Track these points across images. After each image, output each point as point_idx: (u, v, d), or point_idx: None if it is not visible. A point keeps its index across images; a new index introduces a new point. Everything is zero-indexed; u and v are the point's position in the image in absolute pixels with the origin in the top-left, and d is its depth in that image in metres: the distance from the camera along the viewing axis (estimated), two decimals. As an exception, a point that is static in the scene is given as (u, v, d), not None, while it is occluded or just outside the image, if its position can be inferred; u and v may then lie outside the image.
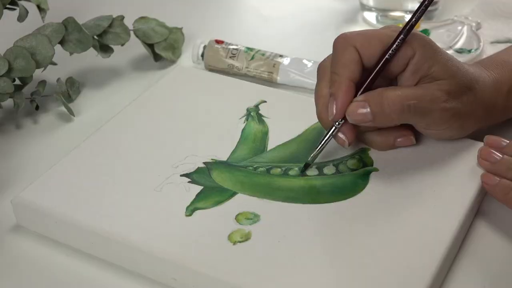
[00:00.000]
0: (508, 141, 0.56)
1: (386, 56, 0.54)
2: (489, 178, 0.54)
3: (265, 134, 0.61)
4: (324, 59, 0.57)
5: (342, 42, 0.55)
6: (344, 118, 0.55)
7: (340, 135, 0.55)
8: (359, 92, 0.55)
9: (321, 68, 0.57)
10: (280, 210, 0.54)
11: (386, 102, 0.53)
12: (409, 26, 0.55)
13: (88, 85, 0.75)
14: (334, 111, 0.54)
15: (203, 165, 0.58)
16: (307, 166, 0.57)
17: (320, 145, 0.56)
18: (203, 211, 0.54)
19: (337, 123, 0.55)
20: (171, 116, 0.64)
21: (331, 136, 0.56)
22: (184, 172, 0.57)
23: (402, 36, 0.54)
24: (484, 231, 0.55)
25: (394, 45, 0.54)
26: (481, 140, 0.57)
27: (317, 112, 0.57)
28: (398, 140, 0.57)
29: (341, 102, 0.54)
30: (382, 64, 0.54)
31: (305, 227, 0.52)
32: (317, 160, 0.58)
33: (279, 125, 0.62)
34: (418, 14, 0.55)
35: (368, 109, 0.53)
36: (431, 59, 0.55)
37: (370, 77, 0.55)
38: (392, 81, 0.57)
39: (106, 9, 0.77)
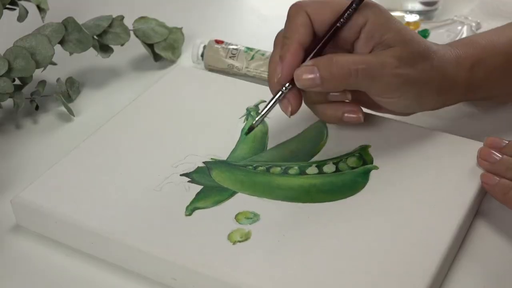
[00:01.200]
0: (507, 141, 0.56)
1: (337, 24, 0.55)
2: (488, 178, 0.54)
3: (264, 134, 0.61)
4: (281, 29, 0.57)
5: (294, 8, 0.56)
6: (291, 83, 0.55)
7: (286, 101, 0.55)
8: (309, 58, 0.55)
9: (277, 37, 0.58)
10: (280, 209, 0.54)
11: (335, 65, 0.53)
12: None
13: (88, 85, 0.75)
14: (280, 73, 0.54)
15: (202, 165, 0.58)
16: (251, 129, 0.56)
17: (266, 108, 0.55)
18: (203, 210, 0.54)
19: (284, 88, 0.55)
20: (171, 116, 0.64)
21: (277, 100, 0.55)
22: (184, 172, 0.57)
23: (354, 5, 0.54)
24: (484, 231, 0.55)
25: (346, 14, 0.54)
26: (481, 140, 0.57)
27: (268, 77, 0.57)
28: (346, 115, 0.57)
29: (288, 63, 0.54)
30: (332, 31, 0.55)
31: (305, 226, 0.52)
32: (317, 159, 0.58)
33: (278, 124, 0.62)
34: None
35: (317, 74, 0.53)
36: (384, 27, 0.55)
37: (321, 43, 0.55)
38: (348, 52, 0.57)
39: (106, 9, 0.77)
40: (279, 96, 0.55)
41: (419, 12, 0.81)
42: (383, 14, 0.56)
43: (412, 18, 0.80)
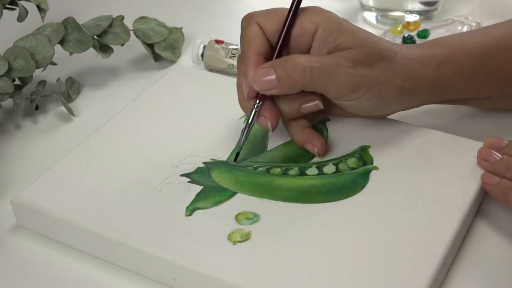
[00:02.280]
0: (507, 141, 0.55)
1: (283, 30, 0.55)
2: (489, 178, 0.54)
3: (265, 134, 0.61)
4: (239, 53, 0.58)
5: (245, 20, 0.57)
6: (261, 98, 0.55)
7: (262, 118, 0.56)
8: (262, 65, 0.55)
9: (238, 61, 0.58)
10: (280, 209, 0.54)
11: (290, 64, 0.54)
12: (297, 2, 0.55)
13: (88, 85, 0.75)
14: (247, 87, 0.55)
15: (203, 165, 0.58)
16: (237, 154, 0.57)
17: (245, 131, 0.57)
18: (203, 211, 0.54)
19: (255, 105, 0.56)
20: (171, 116, 0.64)
21: (253, 120, 0.56)
22: (184, 172, 0.57)
23: (293, 8, 0.55)
24: (484, 231, 0.55)
25: (289, 17, 0.55)
26: (481, 140, 0.57)
27: (239, 100, 0.57)
28: (304, 105, 0.57)
29: (251, 76, 0.55)
30: (282, 38, 0.55)
31: (305, 226, 0.52)
32: (317, 160, 0.58)
33: (279, 125, 0.62)
34: None
35: (274, 75, 0.53)
36: (335, 32, 0.55)
37: (277, 48, 0.55)
38: None
39: (106, 9, 0.77)
40: (254, 114, 0.56)
41: (419, 12, 0.81)
42: (334, 19, 0.55)
43: (412, 18, 0.80)
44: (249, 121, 0.56)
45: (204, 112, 0.64)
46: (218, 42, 0.75)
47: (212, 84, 0.68)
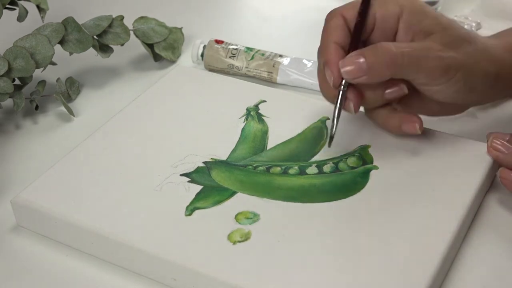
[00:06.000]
0: (510, 134, 0.56)
1: (358, 16, 0.55)
2: (507, 173, 0.54)
3: (264, 133, 0.61)
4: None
5: (330, 14, 0.57)
6: (348, 83, 0.55)
7: (347, 101, 0.55)
8: (350, 53, 0.55)
9: (318, 52, 0.58)
10: (280, 209, 0.54)
11: (381, 51, 0.53)
12: None
13: (88, 85, 0.75)
14: (331, 75, 0.55)
15: (202, 165, 0.58)
16: (331, 138, 0.56)
17: (335, 115, 0.55)
18: (203, 210, 0.54)
19: (342, 87, 0.55)
20: (171, 116, 0.64)
21: (341, 103, 0.55)
22: (184, 172, 0.57)
23: None
24: (484, 231, 0.55)
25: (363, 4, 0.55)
26: (481, 140, 0.57)
27: (319, 86, 0.57)
28: (387, 91, 0.56)
29: (335, 64, 0.54)
30: (357, 24, 0.55)
31: (304, 226, 0.52)
32: (317, 159, 0.58)
33: (278, 124, 0.62)
34: None
35: (363, 60, 0.53)
36: (420, 14, 0.55)
37: (352, 38, 0.56)
38: None
39: (106, 9, 0.77)
40: (341, 98, 0.55)
41: (419, 12, 0.81)
42: (418, 2, 0.56)
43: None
44: (337, 103, 0.55)
45: (204, 112, 0.64)
46: (218, 42, 0.75)
47: (212, 84, 0.68)
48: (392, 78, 0.54)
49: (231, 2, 0.92)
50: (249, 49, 0.74)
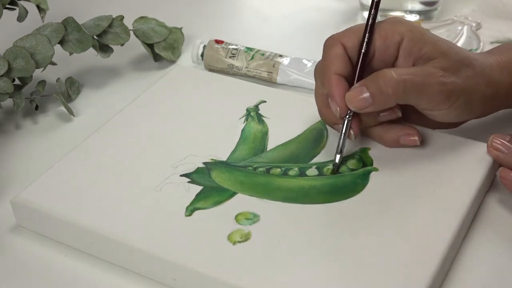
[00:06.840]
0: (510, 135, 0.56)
1: (363, 50, 0.56)
2: (507, 172, 0.54)
3: (264, 134, 0.61)
4: (319, 61, 0.58)
5: (329, 41, 0.57)
6: (352, 111, 0.55)
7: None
8: (354, 85, 0.55)
9: (315, 71, 0.58)
10: (279, 210, 0.54)
11: (382, 80, 0.54)
12: (372, 16, 0.56)
13: (88, 85, 0.75)
14: (338, 108, 0.55)
15: (202, 165, 0.58)
16: (337, 167, 0.57)
17: (340, 144, 0.56)
18: (203, 211, 0.54)
19: (348, 117, 0.56)
20: (171, 116, 0.64)
21: (347, 131, 0.56)
22: (184, 172, 0.57)
23: (369, 24, 0.56)
24: (484, 231, 0.55)
25: (366, 38, 0.56)
26: (481, 140, 0.57)
27: (318, 110, 0.58)
28: (381, 114, 0.57)
29: (338, 96, 0.55)
30: (361, 56, 0.56)
31: (304, 227, 0.52)
32: (317, 160, 0.58)
33: (279, 125, 0.62)
34: (376, 3, 0.57)
35: (367, 93, 0.54)
36: (420, 41, 0.55)
37: (357, 70, 0.56)
38: None
39: (106, 9, 0.77)
40: (346, 127, 0.56)
41: (419, 12, 0.81)
42: (418, 29, 0.56)
43: (412, 18, 0.80)
44: (343, 132, 0.56)
45: (204, 112, 0.64)
46: (218, 42, 0.75)
47: (212, 84, 0.68)
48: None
49: (231, 2, 0.92)
50: (249, 49, 0.74)
